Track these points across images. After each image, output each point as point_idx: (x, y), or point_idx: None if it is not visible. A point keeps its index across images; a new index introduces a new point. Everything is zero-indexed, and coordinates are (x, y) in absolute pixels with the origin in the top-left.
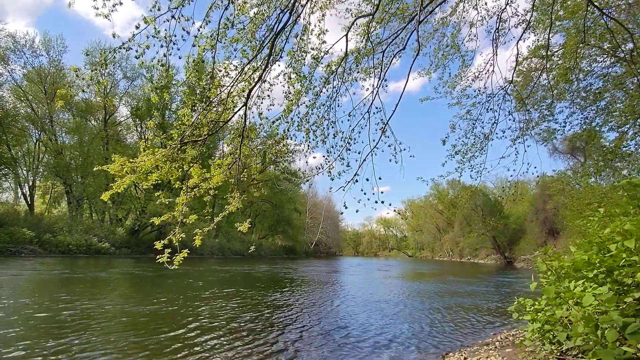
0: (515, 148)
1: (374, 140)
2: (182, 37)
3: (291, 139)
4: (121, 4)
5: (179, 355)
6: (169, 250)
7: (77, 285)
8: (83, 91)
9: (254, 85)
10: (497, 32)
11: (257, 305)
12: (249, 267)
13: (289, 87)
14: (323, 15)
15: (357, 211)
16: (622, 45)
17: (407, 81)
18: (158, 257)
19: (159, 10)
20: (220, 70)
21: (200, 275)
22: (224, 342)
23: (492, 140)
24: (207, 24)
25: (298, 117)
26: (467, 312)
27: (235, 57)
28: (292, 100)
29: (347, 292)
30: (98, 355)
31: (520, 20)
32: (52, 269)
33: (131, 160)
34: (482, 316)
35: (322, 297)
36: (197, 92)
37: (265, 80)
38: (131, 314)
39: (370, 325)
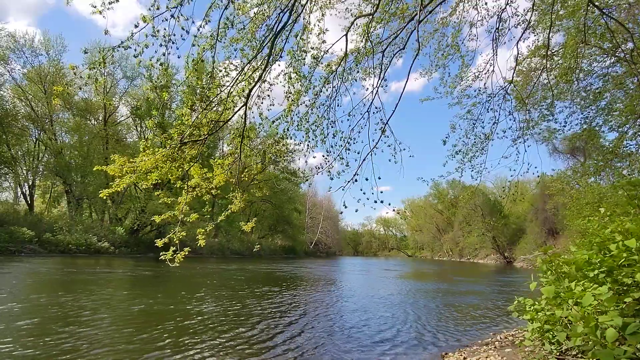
0: (516, 148)
1: (373, 140)
2: (182, 36)
3: (291, 139)
4: (117, 1)
5: (181, 355)
6: (173, 248)
7: (78, 285)
8: (80, 89)
9: (254, 85)
10: (497, 32)
11: (257, 305)
12: (249, 266)
13: (289, 87)
14: (323, 15)
15: (356, 211)
16: (622, 45)
17: (406, 81)
18: (161, 254)
19: (157, 9)
20: (220, 70)
21: (201, 274)
22: (225, 342)
23: (493, 140)
24: (206, 23)
25: (298, 117)
26: (466, 311)
27: (235, 56)
28: (292, 100)
29: (347, 291)
30: (100, 353)
31: (521, 20)
32: (53, 269)
33: (131, 160)
34: (481, 316)
35: (322, 296)
36: (197, 91)
37: (265, 80)
38: (131, 313)
39: (369, 324)
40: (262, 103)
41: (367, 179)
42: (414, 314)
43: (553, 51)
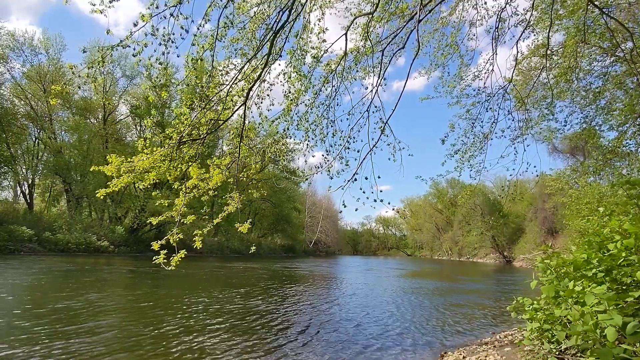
0: (515, 147)
1: (373, 139)
2: (181, 35)
3: (290, 138)
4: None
5: (180, 354)
6: (165, 251)
7: (78, 284)
8: (79, 87)
9: (253, 84)
10: (497, 31)
11: (256, 303)
12: (249, 265)
13: (288, 86)
14: (323, 14)
15: (356, 210)
16: (622, 45)
17: (406, 80)
18: (154, 258)
19: (157, 8)
20: (219, 70)
21: (200, 274)
22: (224, 341)
23: (492, 139)
24: (206, 22)
25: (297, 116)
26: (466, 310)
27: (235, 56)
28: (291, 100)
29: (347, 290)
30: (99, 352)
31: (520, 20)
32: (53, 268)
33: (128, 159)
34: (481, 315)
35: (322, 295)
36: (197, 91)
37: (265, 80)
38: (132, 311)
39: (368, 324)
40: (261, 103)
41: (366, 178)
42: (413, 312)
43: (553, 50)
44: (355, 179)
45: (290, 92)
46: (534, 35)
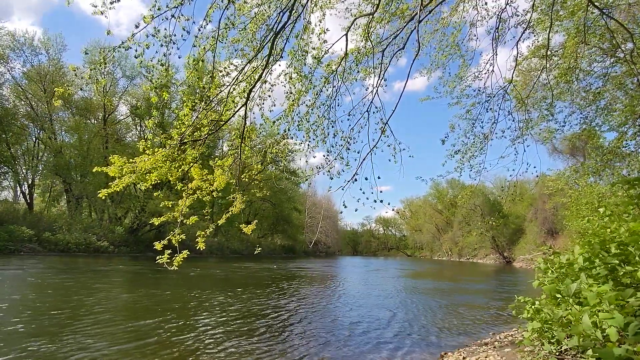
0: (515, 148)
1: (373, 140)
2: (182, 36)
3: (292, 139)
4: (118, 0)
5: (185, 352)
6: (169, 251)
7: (78, 284)
8: (81, 89)
9: (254, 85)
10: (497, 32)
11: (257, 303)
12: (249, 266)
13: (289, 87)
14: (323, 15)
15: (356, 210)
16: (622, 45)
17: (406, 81)
18: (158, 257)
19: (158, 9)
20: (220, 71)
21: (201, 274)
22: (225, 341)
23: (492, 140)
24: (207, 23)
25: (298, 117)
26: (466, 311)
27: (236, 57)
28: (293, 100)
29: (347, 290)
30: (99, 350)
31: (520, 20)
32: (55, 268)
33: (131, 160)
34: (481, 315)
35: (323, 295)
36: (197, 91)
37: (266, 81)
38: (134, 311)
39: (368, 324)
40: (263, 104)
41: (366, 179)
42: (413, 313)
43: (553, 51)
44: (356, 180)
45: (291, 93)
46: (534, 36)
